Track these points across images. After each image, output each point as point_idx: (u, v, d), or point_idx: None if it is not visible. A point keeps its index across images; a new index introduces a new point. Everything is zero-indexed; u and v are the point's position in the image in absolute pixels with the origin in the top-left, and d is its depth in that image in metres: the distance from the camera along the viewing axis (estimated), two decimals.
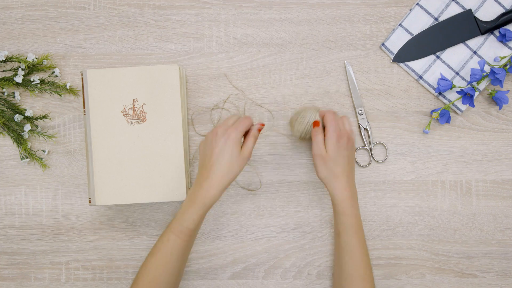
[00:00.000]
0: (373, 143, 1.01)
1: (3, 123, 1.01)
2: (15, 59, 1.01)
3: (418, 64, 1.02)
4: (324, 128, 0.92)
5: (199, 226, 0.89)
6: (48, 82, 1.02)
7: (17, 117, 1.00)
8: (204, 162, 0.88)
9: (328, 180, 0.90)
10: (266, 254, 1.02)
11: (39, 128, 1.03)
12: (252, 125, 0.89)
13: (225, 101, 1.01)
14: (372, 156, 1.01)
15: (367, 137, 1.01)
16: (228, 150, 0.85)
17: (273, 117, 1.02)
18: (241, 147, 0.87)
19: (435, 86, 1.01)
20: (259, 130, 0.90)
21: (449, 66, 1.02)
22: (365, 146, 1.01)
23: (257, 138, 0.90)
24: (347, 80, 1.01)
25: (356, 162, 1.01)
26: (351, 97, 1.01)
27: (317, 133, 0.90)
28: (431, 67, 1.02)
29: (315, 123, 0.91)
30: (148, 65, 0.99)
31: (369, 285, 0.89)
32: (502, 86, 0.98)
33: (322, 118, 0.92)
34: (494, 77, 0.97)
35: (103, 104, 0.95)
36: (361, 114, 1.00)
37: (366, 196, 1.02)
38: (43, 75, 1.03)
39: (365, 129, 1.01)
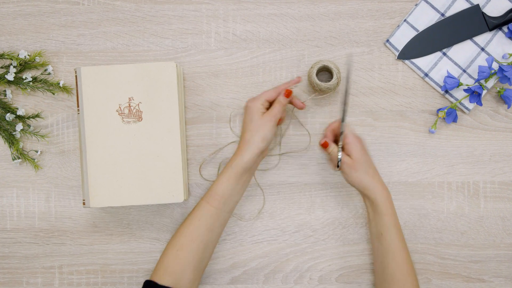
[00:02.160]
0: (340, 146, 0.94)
1: None
2: (6, 56, 1.00)
3: (423, 61, 1.00)
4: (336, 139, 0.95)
5: (232, 192, 0.91)
6: (40, 80, 1.01)
7: (9, 116, 0.99)
8: (242, 132, 0.94)
9: (365, 183, 0.90)
10: (266, 258, 1.00)
11: (31, 127, 1.01)
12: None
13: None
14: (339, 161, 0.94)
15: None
16: (249, 117, 0.92)
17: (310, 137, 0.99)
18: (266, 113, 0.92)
19: (442, 84, 1.00)
20: (287, 95, 0.93)
21: (456, 64, 1.00)
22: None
23: (286, 103, 0.93)
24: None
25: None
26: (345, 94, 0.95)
27: (329, 147, 0.93)
28: (437, 65, 1.00)
29: (324, 145, 0.93)
30: (145, 62, 0.96)
31: (416, 283, 0.89)
32: (510, 84, 0.97)
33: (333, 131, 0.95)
34: (503, 74, 0.95)
35: (97, 102, 0.92)
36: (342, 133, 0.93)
37: None
38: (36, 73, 1.02)
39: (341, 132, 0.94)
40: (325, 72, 1.00)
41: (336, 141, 0.94)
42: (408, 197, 1.00)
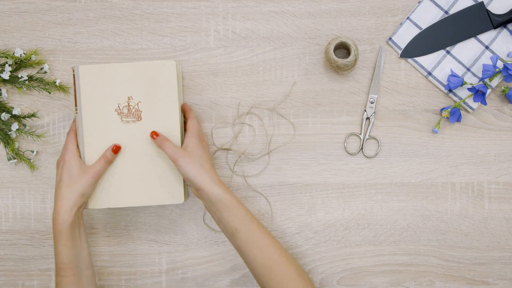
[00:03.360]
0: (368, 136, 0.98)
1: None
2: (1, 55, 0.99)
3: (427, 60, 1.00)
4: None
5: (76, 252, 0.87)
6: (36, 79, 1.00)
7: (4, 116, 0.98)
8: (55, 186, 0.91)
9: (199, 177, 0.85)
10: None
11: (27, 127, 1.00)
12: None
13: (247, 112, 1.00)
14: (362, 148, 0.99)
15: (366, 127, 0.99)
16: (67, 171, 0.88)
17: (294, 128, 0.98)
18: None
19: (445, 83, 0.99)
20: (115, 151, 0.91)
21: (459, 62, 0.99)
22: (360, 134, 0.99)
23: (112, 160, 0.91)
24: (374, 64, 0.99)
25: (346, 149, 0.99)
26: (371, 80, 0.99)
27: (162, 137, 0.90)
28: (440, 63, 0.99)
29: (152, 134, 0.90)
30: (144, 61, 0.95)
31: (298, 271, 0.85)
32: None
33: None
34: (508, 73, 0.95)
35: (96, 102, 0.91)
36: (372, 102, 0.98)
37: (372, 199, 0.99)
38: (32, 71, 1.01)
39: (368, 118, 0.98)
40: (342, 49, 0.99)
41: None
42: (411, 198, 0.99)
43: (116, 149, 0.90)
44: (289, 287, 0.83)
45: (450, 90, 0.99)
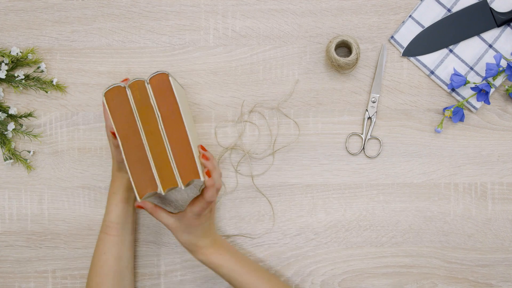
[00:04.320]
0: (369, 136, 0.98)
1: None
2: None
3: (429, 59, 0.99)
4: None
5: (126, 215, 0.92)
6: (33, 78, 0.99)
7: (0, 115, 0.98)
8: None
9: (185, 243, 0.89)
10: (266, 262, 0.99)
11: (23, 127, 1.00)
12: None
13: (250, 111, 0.99)
14: (364, 148, 0.98)
15: (367, 127, 0.98)
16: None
17: (298, 127, 0.97)
18: None
19: (448, 82, 0.99)
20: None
21: (462, 61, 0.99)
22: (361, 134, 0.98)
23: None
24: (376, 63, 0.99)
25: (347, 149, 0.99)
26: (373, 79, 0.98)
27: (149, 206, 0.89)
28: (443, 62, 0.99)
29: (138, 207, 0.88)
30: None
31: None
32: None
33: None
34: (511, 72, 0.94)
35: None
36: (374, 102, 0.97)
37: (374, 200, 0.98)
38: (28, 70, 1.00)
39: (369, 118, 0.98)
40: (343, 48, 0.98)
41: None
42: (414, 199, 0.98)
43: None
44: None
45: (453, 89, 0.98)
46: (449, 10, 0.98)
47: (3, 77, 0.96)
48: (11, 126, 0.97)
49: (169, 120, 0.84)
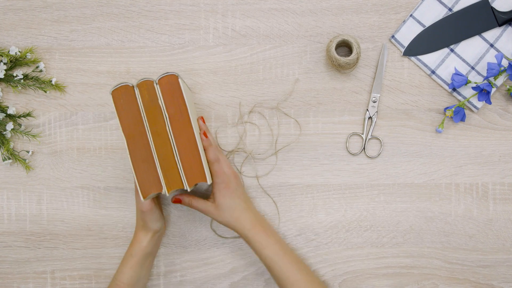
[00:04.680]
0: (370, 136, 0.98)
1: None
2: None
3: (430, 58, 0.98)
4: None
5: (138, 279, 0.91)
6: (32, 78, 0.99)
7: None
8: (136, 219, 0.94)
9: (232, 225, 0.90)
10: None
11: (22, 126, 0.99)
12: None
13: (250, 111, 0.98)
14: (364, 148, 0.98)
15: (368, 127, 0.98)
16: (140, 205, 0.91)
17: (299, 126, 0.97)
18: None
19: (449, 81, 0.98)
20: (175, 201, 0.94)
21: (464, 60, 0.98)
22: (362, 134, 0.98)
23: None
24: (376, 63, 0.98)
25: (347, 149, 0.98)
26: (373, 79, 0.98)
27: (187, 201, 0.92)
28: (444, 61, 0.98)
29: (175, 201, 0.93)
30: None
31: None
32: None
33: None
34: None
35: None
36: (374, 102, 0.97)
37: (374, 200, 0.98)
38: (27, 70, 1.00)
39: (370, 118, 0.97)
40: (344, 47, 0.98)
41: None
42: (414, 199, 0.98)
43: (176, 200, 0.93)
44: None
45: (454, 89, 0.98)
46: (450, 9, 0.98)
47: (2, 76, 0.96)
48: (9, 126, 0.97)
49: (177, 122, 0.84)
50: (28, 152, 0.99)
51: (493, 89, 0.97)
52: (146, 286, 0.96)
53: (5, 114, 0.97)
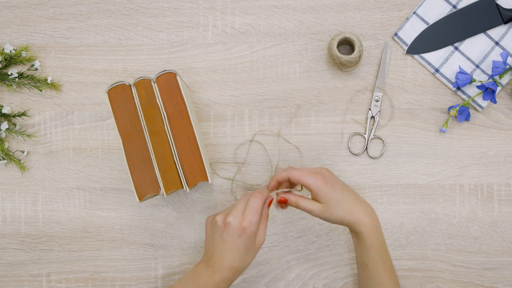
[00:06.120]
0: (372, 136, 0.96)
1: None
2: None
3: (434, 56, 0.97)
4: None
5: None
6: (27, 76, 0.97)
7: None
8: (212, 249, 0.82)
9: (346, 221, 0.83)
10: (267, 265, 0.97)
11: (17, 126, 0.98)
12: (265, 201, 0.84)
13: (251, 140, 0.97)
14: (367, 148, 0.96)
15: (370, 126, 0.97)
16: (241, 245, 0.80)
17: (300, 155, 0.95)
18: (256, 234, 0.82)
19: (453, 80, 0.97)
20: (269, 205, 0.85)
21: (468, 58, 0.97)
22: (364, 134, 0.97)
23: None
24: (379, 61, 0.97)
25: (350, 149, 0.97)
26: (376, 77, 0.97)
27: (294, 201, 0.86)
28: (448, 60, 0.97)
29: (282, 202, 0.86)
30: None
31: None
32: None
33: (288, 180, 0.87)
34: None
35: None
36: (377, 101, 0.96)
37: (377, 201, 0.97)
38: (22, 68, 0.98)
39: (373, 117, 0.96)
40: (346, 45, 0.96)
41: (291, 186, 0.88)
42: (418, 201, 0.96)
43: (271, 203, 0.86)
44: None
45: (458, 88, 0.96)
46: (454, 7, 0.97)
47: None
48: (4, 125, 0.95)
49: (176, 121, 0.82)
50: (23, 152, 0.97)
51: (498, 88, 0.96)
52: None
53: None
